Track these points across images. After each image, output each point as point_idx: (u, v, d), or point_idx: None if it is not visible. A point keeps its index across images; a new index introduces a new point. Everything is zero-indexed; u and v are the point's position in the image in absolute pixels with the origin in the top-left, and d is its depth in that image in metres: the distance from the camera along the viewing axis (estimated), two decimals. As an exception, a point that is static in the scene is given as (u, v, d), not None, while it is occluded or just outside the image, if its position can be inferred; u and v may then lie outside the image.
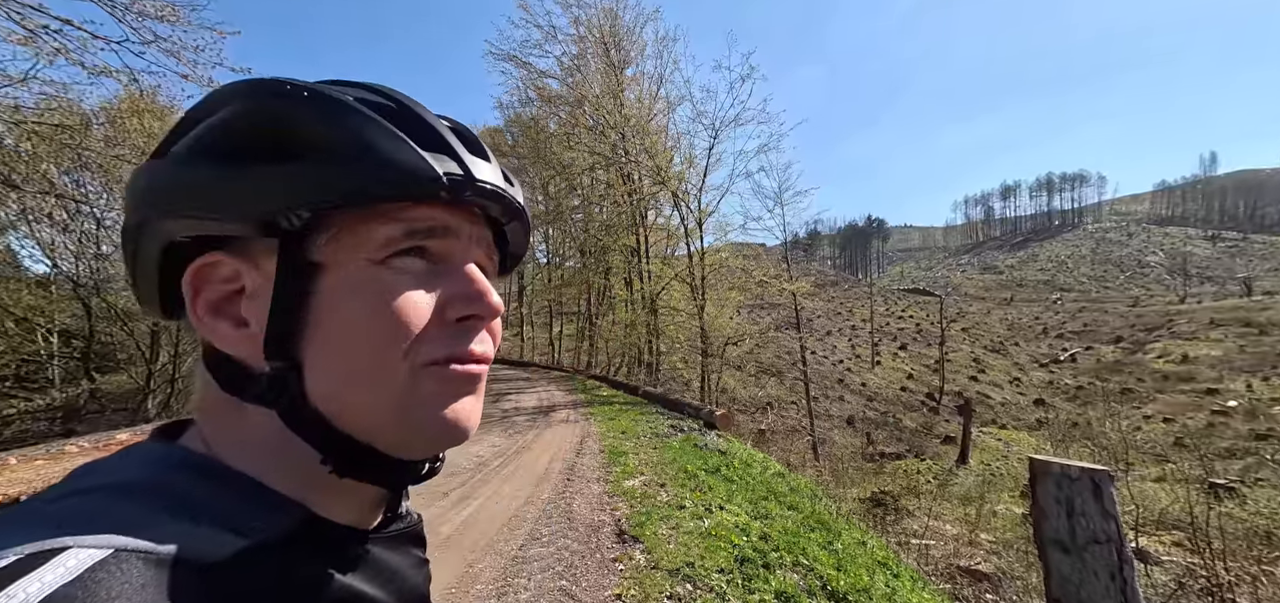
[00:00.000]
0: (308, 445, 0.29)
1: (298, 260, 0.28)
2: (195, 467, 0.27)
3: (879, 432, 22.86)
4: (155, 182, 0.29)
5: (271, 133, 0.28)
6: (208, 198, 0.28)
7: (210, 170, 0.28)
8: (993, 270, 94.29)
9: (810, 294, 20.94)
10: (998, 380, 34.43)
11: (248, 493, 0.27)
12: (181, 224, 0.29)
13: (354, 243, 0.29)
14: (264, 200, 0.27)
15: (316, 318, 0.28)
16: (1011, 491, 14.00)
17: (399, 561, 0.33)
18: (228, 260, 0.29)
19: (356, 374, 0.28)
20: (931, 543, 7.85)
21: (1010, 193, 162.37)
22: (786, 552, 3.24)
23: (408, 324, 0.29)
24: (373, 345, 0.28)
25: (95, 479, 0.25)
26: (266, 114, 0.28)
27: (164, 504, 0.24)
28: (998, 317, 59.75)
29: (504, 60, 17.52)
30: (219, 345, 0.29)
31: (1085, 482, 1.65)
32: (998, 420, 26.02)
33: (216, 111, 0.29)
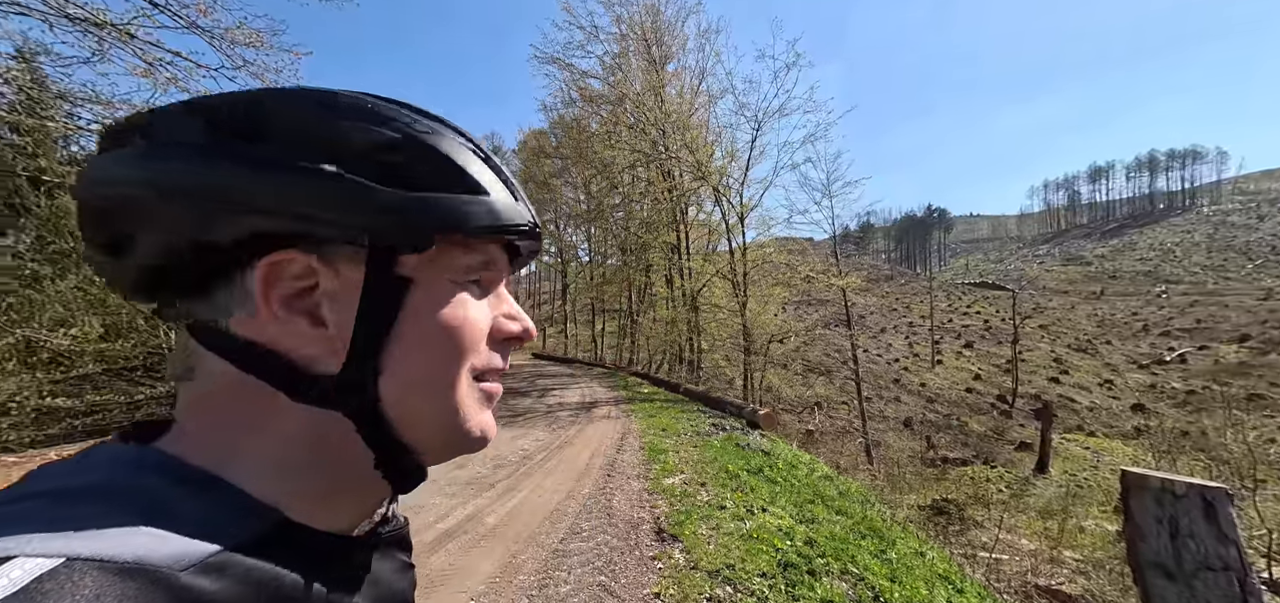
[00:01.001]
0: (309, 447, 0.29)
1: (389, 273, 0.30)
2: (164, 469, 0.26)
3: (941, 436, 21.31)
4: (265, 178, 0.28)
5: (406, 161, 0.30)
6: (332, 208, 0.28)
7: (339, 185, 0.28)
8: (1078, 261, 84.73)
9: (862, 290, 19.84)
10: (1085, 383, 30.92)
11: (221, 498, 0.26)
12: (275, 222, 0.28)
13: (441, 265, 0.32)
14: (385, 220, 0.29)
15: (400, 329, 0.30)
16: (1103, 505, 12.56)
17: (381, 566, 0.32)
18: (301, 258, 0.28)
19: (427, 383, 0.31)
20: (1003, 558, 7.21)
21: (1100, 175, 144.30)
22: (834, 559, 3.08)
23: (476, 342, 0.33)
24: (447, 359, 0.32)
25: (52, 482, 0.24)
26: (406, 143, 0.30)
27: (126, 509, 0.23)
28: (1085, 312, 53.60)
29: (547, 63, 17.99)
30: (287, 343, 0.28)
31: (1194, 500, 1.42)
32: (1085, 427, 23.41)
33: (341, 125, 0.29)
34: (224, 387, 0.28)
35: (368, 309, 0.29)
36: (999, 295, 56.66)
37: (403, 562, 0.34)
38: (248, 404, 0.28)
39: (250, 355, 0.28)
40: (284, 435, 0.28)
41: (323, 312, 0.29)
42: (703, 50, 16.34)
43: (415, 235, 0.30)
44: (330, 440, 0.29)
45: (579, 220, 26.02)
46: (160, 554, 0.21)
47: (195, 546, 0.23)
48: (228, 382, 0.28)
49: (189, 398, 0.29)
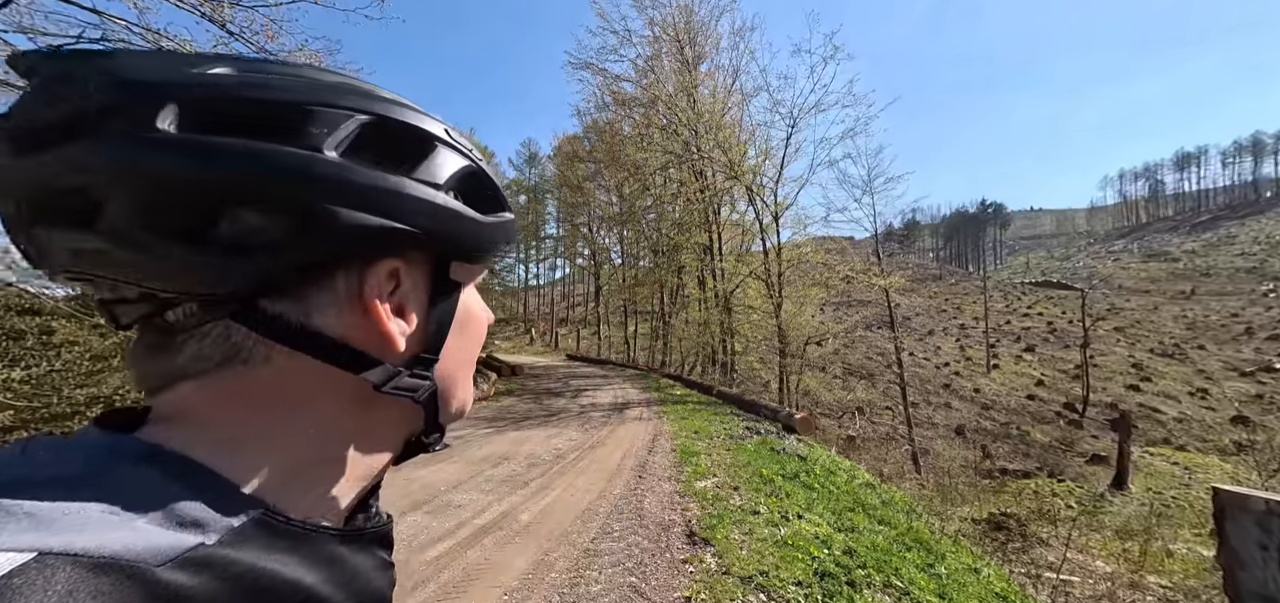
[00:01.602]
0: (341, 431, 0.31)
1: (447, 276, 0.35)
2: (146, 459, 0.25)
3: (999, 445, 19.91)
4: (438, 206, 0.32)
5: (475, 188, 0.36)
6: (446, 226, 0.33)
7: (453, 207, 0.33)
8: (1162, 257, 76.47)
9: (906, 289, 18.94)
10: (1172, 391, 27.87)
11: (204, 489, 0.25)
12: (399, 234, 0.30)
13: (471, 272, 0.37)
14: (473, 239, 0.35)
15: (454, 325, 0.36)
16: (1196, 527, 11.32)
17: (362, 561, 0.31)
18: (397, 264, 0.32)
19: (459, 368, 0.37)
20: (1073, 580, 6.65)
21: (1189, 162, 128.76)
22: (876, 570, 2.93)
23: (485, 331, 0.40)
24: (472, 347, 0.38)
25: (24, 470, 0.23)
26: (487, 176, 0.37)
27: (103, 500, 0.22)
28: (1171, 313, 48.29)
29: (581, 69, 18.32)
30: (393, 341, 0.31)
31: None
32: (1173, 440, 21.13)
33: (447, 157, 0.33)
34: (259, 381, 0.28)
35: (438, 306, 0.34)
36: (1065, 295, 52.19)
37: (383, 560, 0.34)
38: (285, 397, 0.28)
39: (333, 349, 0.29)
40: (309, 428, 0.29)
41: (409, 310, 0.33)
42: (736, 48, 16.21)
43: (486, 252, 0.36)
44: (364, 425, 0.31)
45: (612, 223, 26.28)
46: (137, 548, 0.21)
47: (175, 538, 0.22)
48: (267, 376, 0.28)
49: (190, 391, 0.28)
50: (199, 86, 0.26)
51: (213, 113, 0.26)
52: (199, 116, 0.26)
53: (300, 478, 0.29)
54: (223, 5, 6.10)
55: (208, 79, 0.27)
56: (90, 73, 0.25)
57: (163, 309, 0.28)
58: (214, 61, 0.27)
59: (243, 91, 0.27)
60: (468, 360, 0.38)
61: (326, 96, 0.29)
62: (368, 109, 0.30)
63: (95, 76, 0.24)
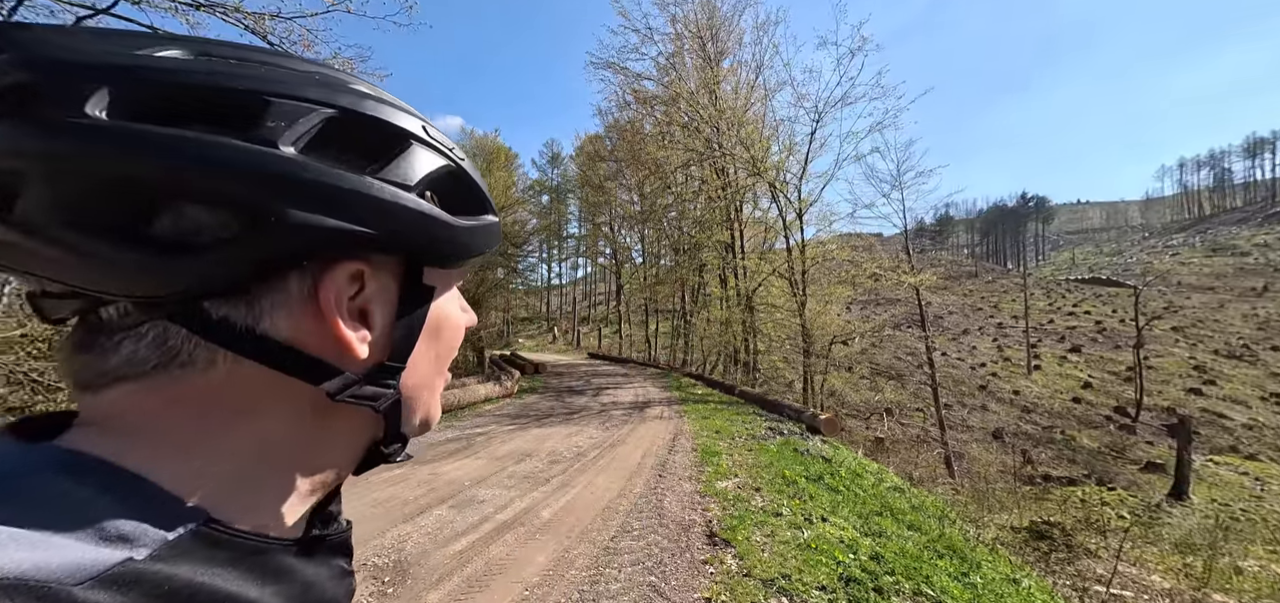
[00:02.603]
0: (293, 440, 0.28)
1: (419, 281, 0.33)
2: (68, 468, 0.23)
3: (1041, 451, 18.98)
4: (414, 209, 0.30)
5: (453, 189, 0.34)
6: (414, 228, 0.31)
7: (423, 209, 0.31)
8: (1229, 250, 70.67)
9: (938, 287, 18.30)
10: (1240, 395, 25.87)
11: (135, 498, 0.23)
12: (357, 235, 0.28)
13: (447, 278, 0.35)
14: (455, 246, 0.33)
15: (424, 331, 0.34)
16: (1269, 542, 10.51)
17: (316, 572, 0.30)
18: (355, 264, 0.29)
19: (427, 377, 0.35)
20: (1126, 594, 6.27)
21: (1261, 148, 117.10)
22: (904, 577, 2.83)
23: (459, 339, 0.38)
24: (443, 356, 0.36)
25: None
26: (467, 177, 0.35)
27: (14, 514, 0.20)
28: (1237, 311, 44.67)
29: (603, 68, 18.38)
30: (351, 348, 0.28)
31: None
32: (1241, 448, 19.65)
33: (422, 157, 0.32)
34: (202, 385, 0.26)
35: (403, 313, 0.32)
36: (1115, 292, 49.19)
37: (341, 568, 0.32)
38: (229, 403, 0.27)
39: (287, 357, 0.27)
40: (257, 435, 0.27)
41: (372, 316, 0.30)
42: (759, 43, 15.80)
43: (461, 257, 0.34)
44: (321, 434, 0.29)
45: (633, 222, 26.31)
46: (52, 566, 0.19)
47: (97, 554, 0.20)
48: (211, 380, 0.26)
49: (125, 393, 0.26)
50: (141, 70, 0.24)
51: (156, 99, 0.24)
52: (138, 103, 0.24)
53: (248, 487, 0.27)
54: (264, 18, 6.39)
55: (152, 62, 0.24)
56: (7, 47, 0.22)
57: (95, 306, 0.26)
58: (166, 43, 0.25)
59: (191, 78, 0.25)
60: (438, 369, 0.36)
61: (288, 87, 0.27)
62: (333, 102, 0.28)
63: (13, 51, 0.22)
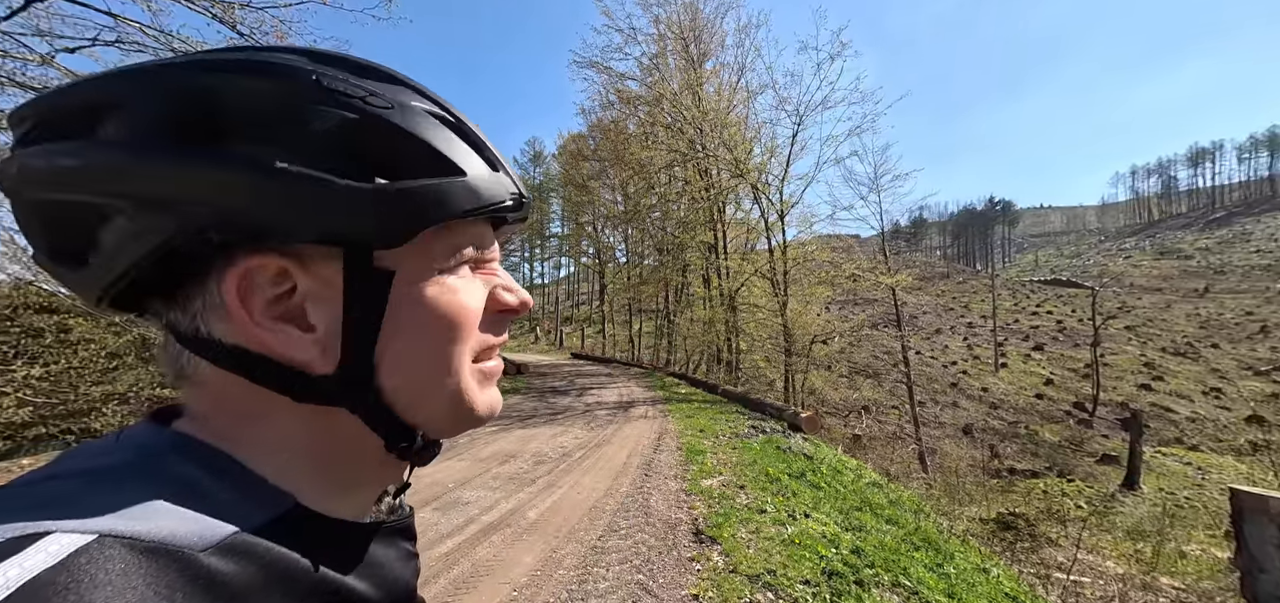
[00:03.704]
0: (312, 439, 0.29)
1: (368, 268, 0.28)
2: (186, 452, 0.26)
3: (1007, 445, 19.76)
4: (198, 178, 0.25)
5: (358, 145, 0.27)
6: (284, 209, 0.26)
7: (291, 184, 0.26)
8: (1175, 254, 75.41)
9: (913, 288, 18.82)
10: (1185, 390, 27.52)
11: (237, 481, 0.26)
12: (230, 225, 0.26)
13: (423, 253, 0.30)
14: (355, 220, 0.27)
15: (390, 322, 0.29)
16: (1209, 528, 11.20)
17: (387, 554, 0.32)
18: (273, 261, 0.27)
19: (427, 370, 0.31)
20: (1085, 581, 6.59)
21: (1203, 158, 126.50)
22: (883, 569, 2.93)
23: (472, 324, 0.32)
24: (445, 345, 0.31)
25: (85, 461, 0.25)
26: (366, 123, 0.27)
27: (153, 488, 0.23)
28: (1183, 311, 47.65)
29: (586, 67, 18.29)
30: (281, 350, 0.27)
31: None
32: (1185, 440, 20.89)
33: (256, 96, 0.26)
34: (221, 387, 0.28)
35: (352, 307, 0.28)
36: (1075, 293, 51.59)
37: (407, 550, 0.35)
38: (248, 401, 0.28)
39: (242, 361, 0.27)
40: (286, 429, 0.29)
41: (309, 316, 0.28)
42: (742, 46, 16.04)
43: (385, 234, 0.28)
44: (335, 432, 0.30)
45: (616, 222, 26.28)
46: (182, 534, 0.22)
47: (215, 526, 0.23)
48: (224, 382, 0.28)
49: (191, 390, 0.29)
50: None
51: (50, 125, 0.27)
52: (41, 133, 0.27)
53: (315, 476, 0.29)
54: (233, 7, 6.15)
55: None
56: None
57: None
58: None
59: (52, 99, 0.27)
60: (445, 363, 0.31)
61: (129, 83, 0.26)
62: (179, 82, 0.26)
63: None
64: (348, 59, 0.30)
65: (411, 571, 0.34)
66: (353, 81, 0.28)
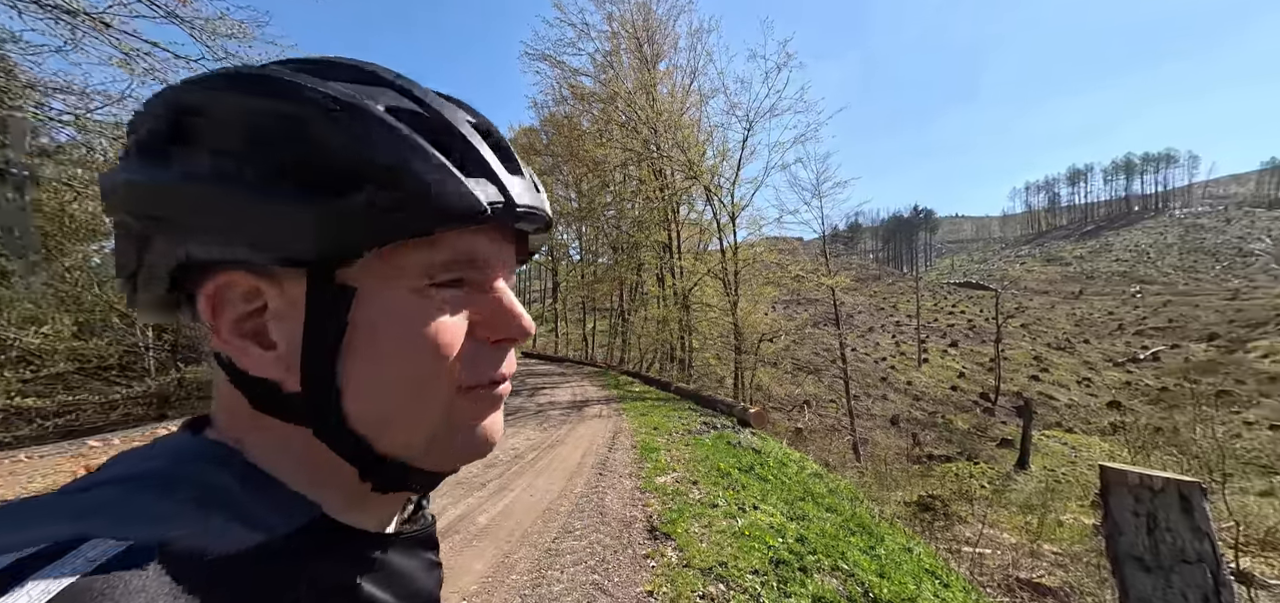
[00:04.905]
0: (332, 455, 0.29)
1: (330, 287, 0.27)
2: (218, 460, 0.27)
3: (926, 433, 21.73)
4: (164, 193, 0.26)
5: (301, 155, 0.26)
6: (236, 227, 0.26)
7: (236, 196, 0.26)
8: (1058, 261, 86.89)
9: (850, 289, 20.16)
10: (1063, 380, 31.75)
11: (265, 490, 0.27)
12: (202, 247, 0.27)
13: (391, 271, 0.28)
14: (297, 239, 0.26)
15: (353, 344, 0.28)
16: (1080, 499, 12.93)
17: (410, 564, 0.33)
18: (246, 279, 0.27)
19: (399, 399, 0.29)
20: (986, 552, 7.38)
21: (1079, 178, 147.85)
22: (825, 555, 3.12)
23: (449, 352, 0.29)
24: (416, 373, 0.29)
25: (123, 469, 0.26)
26: (293, 131, 0.26)
27: (185, 497, 0.24)
28: (1063, 312, 55.00)
29: (538, 60, 17.84)
30: (248, 368, 0.28)
31: (1171, 495, 1.47)
32: (1064, 424, 24.06)
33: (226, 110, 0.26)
34: (229, 396, 0.29)
35: (312, 326, 0.27)
36: (982, 295, 57.89)
37: (429, 561, 0.35)
38: (248, 410, 0.29)
39: (231, 372, 0.28)
40: (284, 439, 0.29)
41: (270, 333, 0.28)
42: (694, 49, 16.44)
43: (326, 254, 0.26)
44: (318, 446, 0.29)
45: (570, 219, 25.89)
46: (211, 542, 0.23)
47: (244, 534, 0.24)
48: (232, 391, 0.29)
49: (218, 403, 0.30)
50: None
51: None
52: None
53: (328, 487, 0.29)
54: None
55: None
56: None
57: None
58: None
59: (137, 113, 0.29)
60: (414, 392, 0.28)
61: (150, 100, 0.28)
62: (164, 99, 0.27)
63: None
64: (320, 62, 0.29)
65: (434, 580, 0.34)
66: (309, 90, 0.26)
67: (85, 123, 6.06)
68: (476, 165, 0.30)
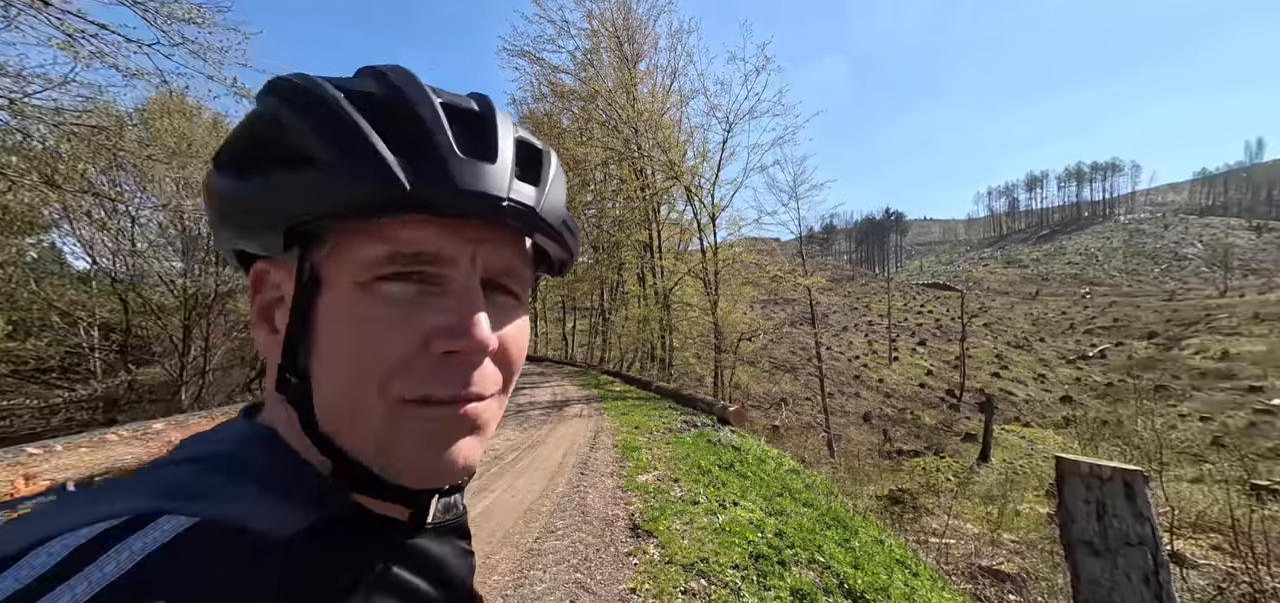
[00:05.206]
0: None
1: (306, 274, 0.28)
2: (269, 445, 0.29)
3: (896, 429, 22.49)
4: (208, 192, 0.31)
5: (270, 140, 0.28)
6: (234, 212, 0.29)
7: (231, 181, 0.29)
8: (1017, 264, 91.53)
9: (825, 289, 20.67)
10: (1022, 377, 33.46)
11: (308, 476, 0.28)
12: (229, 240, 0.31)
13: (343, 262, 0.28)
14: (261, 215, 0.28)
15: (315, 336, 0.28)
16: (1036, 490, 13.63)
17: (444, 551, 0.34)
18: (272, 268, 0.31)
19: (341, 400, 0.28)
20: (951, 542, 7.71)
21: (1036, 184, 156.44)
22: (802, 549, 3.22)
23: (383, 357, 0.27)
24: (350, 375, 0.27)
25: (193, 451, 0.28)
26: (269, 120, 0.28)
27: (244, 478, 0.27)
28: (1022, 312, 57.96)
29: (517, 56, 17.60)
30: (258, 347, 0.31)
31: (1117, 483, 1.59)
32: (1021, 418, 25.34)
33: (248, 117, 0.30)
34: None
35: (293, 314, 0.29)
36: (949, 296, 60.36)
37: (463, 549, 0.36)
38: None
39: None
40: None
41: (274, 319, 0.31)
42: (674, 50, 16.61)
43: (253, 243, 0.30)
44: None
45: (550, 216, 25.61)
46: (264, 522, 0.25)
47: (294, 516, 0.26)
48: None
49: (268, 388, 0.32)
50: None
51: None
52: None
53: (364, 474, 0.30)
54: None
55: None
56: None
57: None
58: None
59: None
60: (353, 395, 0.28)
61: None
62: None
63: None
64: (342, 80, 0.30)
65: (467, 567, 0.36)
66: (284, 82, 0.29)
67: (22, 108, 5.65)
68: (423, 149, 0.27)
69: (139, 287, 12.72)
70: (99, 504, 0.23)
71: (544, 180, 0.32)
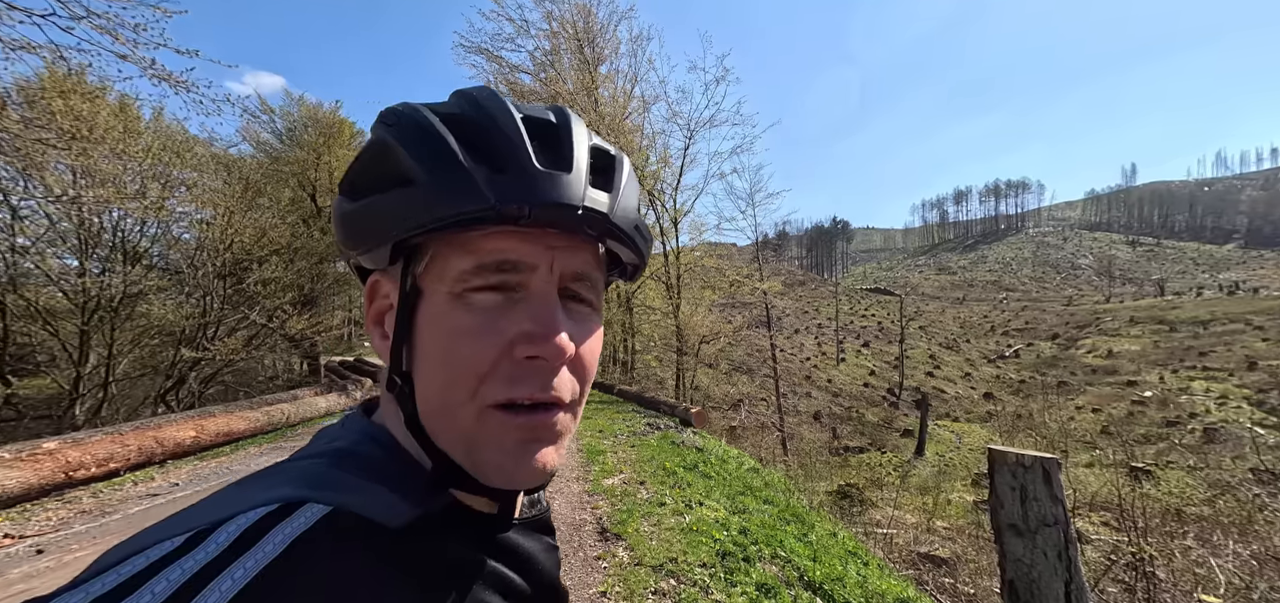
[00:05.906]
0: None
1: (407, 285, 0.31)
2: (383, 442, 0.32)
3: (844, 426, 23.81)
4: (335, 213, 0.34)
5: (379, 164, 0.31)
6: (351, 229, 0.33)
7: (349, 203, 0.33)
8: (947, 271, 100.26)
9: (780, 293, 21.56)
10: (951, 376, 36.55)
11: (415, 472, 0.31)
12: (348, 251, 0.34)
13: (439, 273, 0.30)
14: (371, 231, 0.31)
15: (416, 343, 0.31)
16: (964, 479, 14.90)
17: (533, 546, 0.36)
18: (383, 279, 0.34)
19: (437, 402, 0.30)
20: (895, 532, 8.29)
21: (962, 198, 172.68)
22: (765, 545, 3.37)
23: (472, 365, 0.29)
24: (444, 379, 0.30)
25: (323, 445, 0.32)
26: (377, 146, 0.32)
27: (366, 471, 0.30)
28: (951, 315, 63.49)
29: (474, 53, 17.09)
30: (375, 349, 0.35)
31: (1037, 470, 1.82)
32: (951, 414, 27.64)
33: (366, 143, 0.33)
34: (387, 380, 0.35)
35: (398, 320, 0.32)
36: (889, 300, 64.89)
37: (549, 544, 0.39)
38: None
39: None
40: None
41: (385, 325, 0.34)
42: (635, 56, 16.63)
43: (357, 255, 0.34)
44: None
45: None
46: (387, 511, 0.28)
47: (406, 509, 0.28)
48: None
49: (381, 386, 0.35)
50: None
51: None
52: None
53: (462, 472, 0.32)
54: None
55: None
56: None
57: None
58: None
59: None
60: (447, 399, 0.30)
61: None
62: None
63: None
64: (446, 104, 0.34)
65: (554, 562, 0.38)
66: (392, 110, 0.33)
67: None
68: (506, 164, 0.29)
69: (21, 288, 11.08)
70: (257, 492, 0.27)
71: (616, 186, 0.33)
